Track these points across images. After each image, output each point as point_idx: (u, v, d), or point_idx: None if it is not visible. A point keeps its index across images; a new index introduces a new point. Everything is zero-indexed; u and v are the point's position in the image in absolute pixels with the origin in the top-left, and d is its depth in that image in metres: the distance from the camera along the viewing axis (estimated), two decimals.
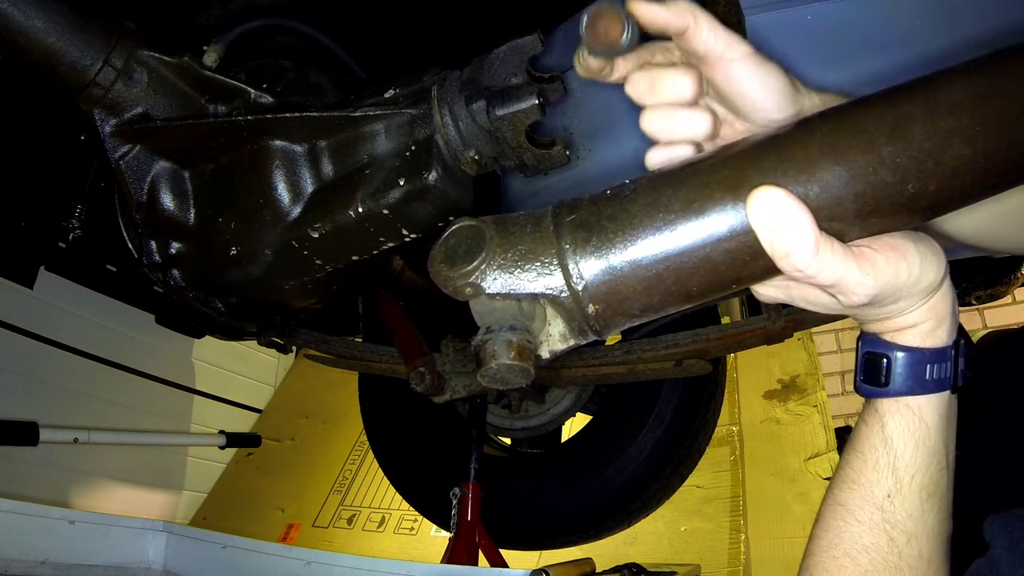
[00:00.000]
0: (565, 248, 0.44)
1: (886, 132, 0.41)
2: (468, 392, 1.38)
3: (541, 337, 0.47)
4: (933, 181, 0.41)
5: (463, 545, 1.40)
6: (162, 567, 1.22)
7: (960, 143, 0.41)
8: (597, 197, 0.46)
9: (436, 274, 0.45)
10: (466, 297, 0.45)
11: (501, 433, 1.78)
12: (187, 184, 0.91)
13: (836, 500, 0.53)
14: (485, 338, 0.45)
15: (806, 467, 1.96)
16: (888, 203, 0.41)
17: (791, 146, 0.43)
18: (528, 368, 0.44)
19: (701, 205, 0.42)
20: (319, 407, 2.79)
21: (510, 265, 0.45)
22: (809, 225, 0.40)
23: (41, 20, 0.77)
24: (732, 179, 0.42)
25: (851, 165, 0.41)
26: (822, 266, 0.41)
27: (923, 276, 0.45)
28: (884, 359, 0.49)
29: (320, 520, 2.42)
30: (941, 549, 0.51)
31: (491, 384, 0.46)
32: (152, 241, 0.92)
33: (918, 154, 0.41)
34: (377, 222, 0.80)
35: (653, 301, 0.44)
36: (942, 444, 0.50)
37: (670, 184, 0.44)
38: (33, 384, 1.97)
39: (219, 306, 0.97)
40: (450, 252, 0.46)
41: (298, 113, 0.82)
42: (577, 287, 0.44)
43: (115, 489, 2.25)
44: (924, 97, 0.42)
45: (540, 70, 0.78)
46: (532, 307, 0.46)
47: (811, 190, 0.41)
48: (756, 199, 0.40)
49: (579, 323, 0.45)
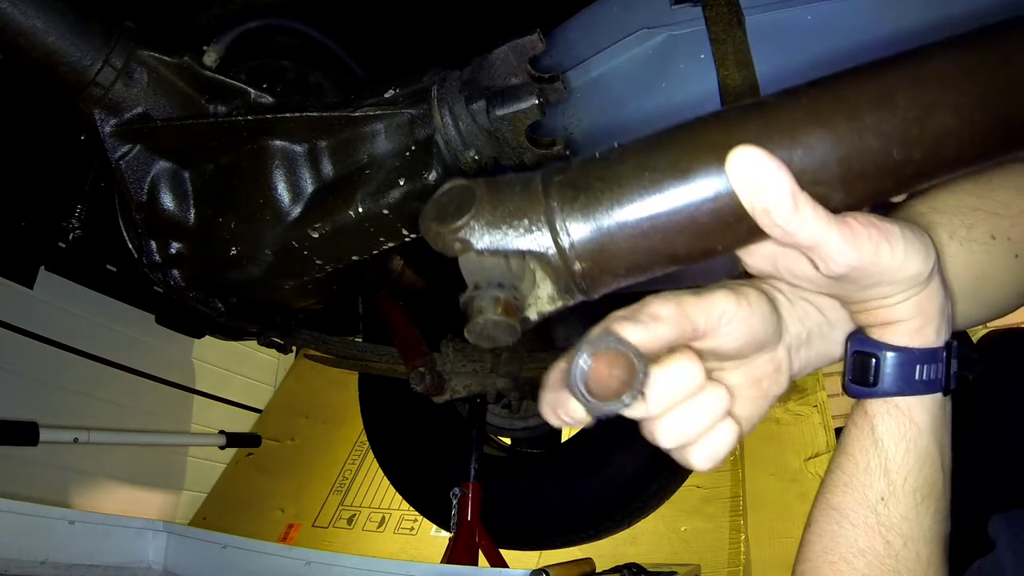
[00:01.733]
0: (553, 206, 0.44)
1: (870, 100, 0.42)
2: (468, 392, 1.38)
3: (530, 299, 0.47)
4: (918, 149, 0.42)
5: (463, 545, 1.40)
6: (162, 567, 1.22)
7: (945, 112, 0.42)
8: (586, 160, 0.47)
9: (426, 230, 0.46)
10: (455, 253, 0.46)
11: (501, 433, 1.78)
12: (187, 184, 0.91)
13: (828, 504, 0.52)
14: (472, 295, 0.45)
15: (806, 467, 1.96)
16: (873, 168, 0.42)
17: (776, 111, 0.44)
18: (514, 325, 0.45)
19: (687, 166, 0.43)
20: (319, 407, 2.79)
21: (499, 222, 0.45)
22: (787, 181, 0.40)
23: (41, 20, 0.77)
24: (717, 142, 0.43)
25: (835, 130, 0.42)
26: (802, 223, 0.41)
27: (907, 263, 0.44)
28: (873, 359, 0.49)
29: (320, 520, 2.42)
30: (939, 550, 0.50)
31: (478, 341, 0.46)
32: (152, 241, 0.92)
33: (903, 122, 0.41)
34: (377, 222, 0.80)
35: (639, 260, 0.45)
36: (935, 445, 0.49)
37: (658, 146, 0.45)
38: (33, 384, 1.97)
39: (219, 306, 0.97)
40: (441, 209, 0.46)
41: (298, 113, 0.82)
42: (564, 244, 0.44)
43: (115, 489, 2.25)
44: (910, 68, 0.43)
45: (540, 70, 0.78)
46: (521, 267, 0.46)
47: (795, 154, 0.42)
48: (734, 158, 0.41)
49: (566, 281, 0.46)
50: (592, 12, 0.95)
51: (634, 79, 0.88)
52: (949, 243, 0.53)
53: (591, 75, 0.90)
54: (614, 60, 0.89)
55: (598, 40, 0.91)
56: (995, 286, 0.56)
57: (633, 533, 1.76)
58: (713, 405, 0.45)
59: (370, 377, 1.79)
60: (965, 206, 0.55)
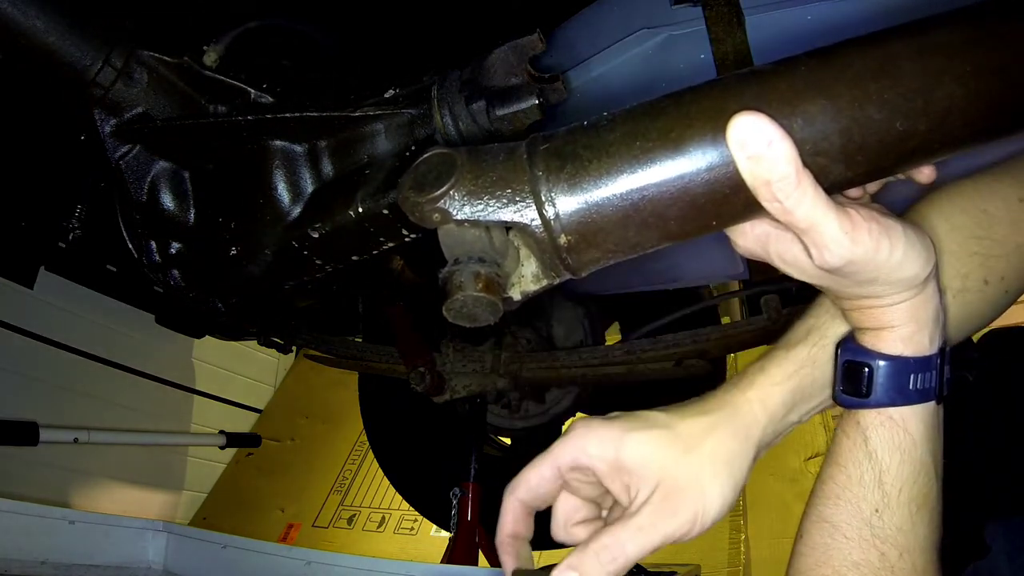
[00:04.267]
0: (538, 175, 0.42)
1: (873, 68, 0.40)
2: (468, 392, 1.38)
3: (514, 278, 0.45)
4: (923, 120, 0.39)
5: (463, 545, 1.40)
6: (162, 567, 1.22)
7: (951, 82, 0.39)
8: (574, 128, 0.44)
9: (404, 200, 0.44)
10: (434, 224, 0.43)
11: (501, 433, 1.78)
12: (187, 184, 0.91)
13: (821, 516, 0.51)
14: (452, 269, 0.43)
15: (806, 467, 1.96)
16: (876, 140, 0.40)
17: (773, 79, 0.41)
18: (496, 302, 0.43)
19: (680, 135, 0.40)
20: (319, 407, 2.79)
21: (480, 191, 0.43)
22: (791, 151, 0.38)
23: (41, 20, 0.77)
24: (712, 109, 0.41)
25: (836, 99, 0.39)
26: (801, 200, 0.39)
27: (905, 263, 0.43)
28: (865, 368, 0.47)
29: (320, 520, 2.42)
30: (934, 558, 0.49)
31: (457, 319, 0.44)
32: (152, 241, 0.92)
33: (907, 91, 0.39)
34: (377, 222, 0.80)
35: (629, 234, 0.42)
36: (929, 455, 0.48)
37: (649, 114, 0.42)
38: (33, 384, 1.97)
39: (219, 306, 0.97)
40: (419, 179, 0.44)
41: (298, 113, 0.82)
42: (549, 215, 0.42)
43: (115, 489, 2.25)
44: (914, 37, 0.41)
45: (540, 70, 0.78)
46: (504, 243, 0.44)
47: (794, 123, 0.39)
48: (736, 124, 0.38)
49: (551, 256, 0.43)
50: (592, 12, 0.95)
51: (634, 79, 0.88)
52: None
53: (591, 75, 0.90)
54: (614, 60, 0.89)
55: (598, 40, 0.91)
56: (978, 321, 0.56)
57: None
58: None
59: (370, 377, 1.79)
60: (963, 252, 0.53)
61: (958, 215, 0.54)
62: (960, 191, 0.56)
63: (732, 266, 1.13)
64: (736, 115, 0.38)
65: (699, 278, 1.28)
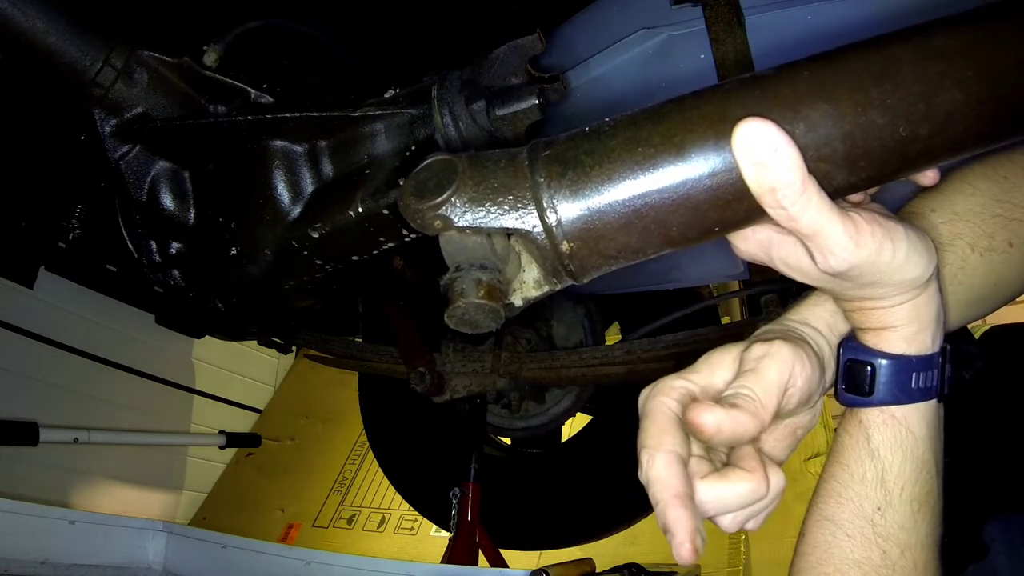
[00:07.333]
0: (539, 182, 0.42)
1: (875, 72, 0.40)
2: (468, 392, 1.38)
3: (515, 284, 0.45)
4: (925, 125, 0.39)
5: (463, 545, 1.40)
6: (162, 567, 1.22)
7: (952, 87, 0.39)
8: (575, 133, 0.44)
9: (405, 207, 0.43)
10: (435, 231, 0.43)
11: (501, 433, 1.78)
12: (187, 184, 0.91)
13: (823, 515, 0.51)
14: (454, 276, 0.43)
15: (806, 467, 1.96)
16: (878, 145, 0.40)
17: (776, 84, 0.41)
18: (498, 309, 0.42)
19: (682, 140, 0.40)
20: (319, 407, 2.79)
21: (481, 198, 0.42)
22: (796, 159, 0.38)
23: (41, 20, 0.77)
24: (715, 115, 0.40)
25: (839, 104, 0.39)
26: (807, 207, 0.39)
27: (907, 265, 0.43)
28: (867, 367, 0.47)
29: (320, 520, 2.42)
30: (934, 555, 0.50)
31: (459, 326, 0.44)
32: (152, 241, 0.92)
33: (909, 96, 0.39)
34: (377, 222, 0.80)
35: (631, 240, 0.42)
36: (930, 453, 0.48)
37: (651, 119, 0.42)
38: (33, 384, 1.97)
39: (219, 306, 0.97)
40: (420, 185, 0.43)
41: (298, 113, 0.82)
42: (551, 222, 0.41)
43: (115, 489, 2.25)
44: (915, 41, 0.41)
45: (540, 70, 0.78)
46: (505, 249, 0.43)
47: (797, 128, 0.39)
48: (742, 131, 0.38)
49: (553, 263, 0.43)
50: (592, 12, 0.95)
51: (634, 79, 0.88)
52: (970, 255, 0.52)
53: (591, 75, 0.90)
54: (614, 60, 0.89)
55: (598, 40, 0.91)
56: (1008, 287, 0.55)
57: (633, 533, 1.76)
58: (773, 495, 0.46)
59: (370, 377, 1.79)
60: (987, 213, 0.53)
61: (980, 180, 0.55)
62: (980, 160, 0.56)
63: (732, 266, 1.13)
64: (741, 121, 0.38)
65: (699, 278, 1.28)
